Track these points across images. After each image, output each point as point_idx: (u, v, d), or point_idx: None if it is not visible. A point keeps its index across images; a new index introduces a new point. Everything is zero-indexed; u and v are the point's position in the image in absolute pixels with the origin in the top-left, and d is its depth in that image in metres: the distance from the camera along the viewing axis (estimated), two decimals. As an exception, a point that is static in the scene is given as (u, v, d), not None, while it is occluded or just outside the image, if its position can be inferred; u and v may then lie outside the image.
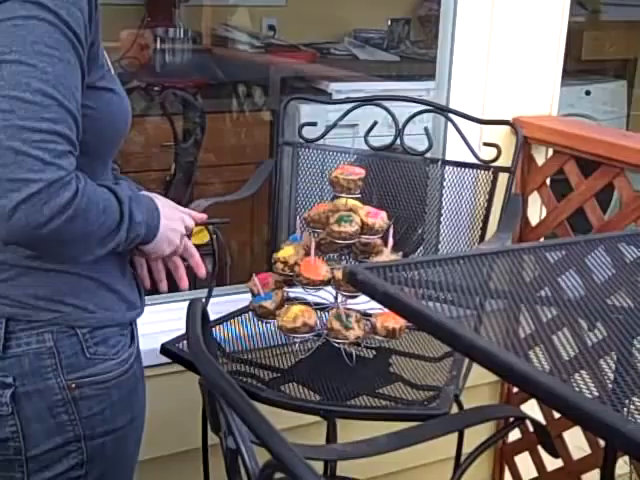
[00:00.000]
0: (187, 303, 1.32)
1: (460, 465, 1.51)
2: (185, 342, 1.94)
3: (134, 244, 1.39)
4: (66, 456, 1.37)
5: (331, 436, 1.98)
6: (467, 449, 1.68)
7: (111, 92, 1.35)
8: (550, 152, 2.55)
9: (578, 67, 4.46)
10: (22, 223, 1.15)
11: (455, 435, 1.84)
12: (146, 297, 2.34)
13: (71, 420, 1.36)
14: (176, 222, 1.51)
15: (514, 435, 2.62)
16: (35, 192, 1.14)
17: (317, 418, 1.90)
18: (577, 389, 1.06)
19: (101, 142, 1.35)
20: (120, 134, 1.40)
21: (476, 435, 1.66)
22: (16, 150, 1.13)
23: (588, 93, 4.38)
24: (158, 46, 3.86)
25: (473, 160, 2.31)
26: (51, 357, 1.33)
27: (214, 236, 1.96)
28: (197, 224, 1.67)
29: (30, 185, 1.13)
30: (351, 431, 1.88)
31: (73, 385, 1.35)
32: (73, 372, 1.35)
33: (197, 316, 1.22)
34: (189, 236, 1.59)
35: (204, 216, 1.67)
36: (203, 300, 1.63)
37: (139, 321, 2.19)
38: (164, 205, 1.47)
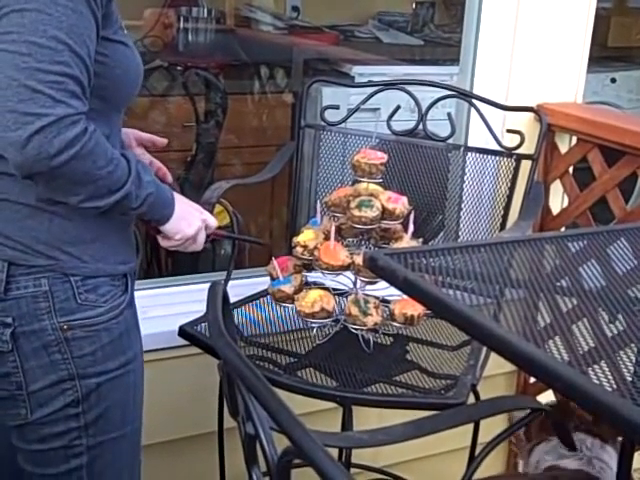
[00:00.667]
0: (205, 285, 1.31)
1: (476, 457, 1.50)
2: (203, 325, 1.94)
3: (150, 207, 1.47)
4: (62, 393, 1.49)
5: (347, 422, 1.98)
6: (483, 439, 1.68)
7: (124, 45, 1.47)
8: (574, 140, 2.52)
9: (604, 54, 4.42)
10: (35, 152, 1.28)
11: (470, 424, 1.83)
12: (164, 279, 2.35)
13: (64, 359, 1.48)
14: (194, 211, 1.63)
15: (530, 425, 2.60)
16: (46, 125, 1.27)
17: (333, 404, 1.90)
18: (596, 381, 1.04)
19: (116, 89, 1.48)
20: (133, 84, 1.52)
21: (492, 425, 1.66)
22: (32, 88, 1.27)
23: (614, 81, 4.34)
24: (181, 25, 3.84)
25: (496, 147, 2.30)
26: (46, 300, 1.45)
27: (234, 218, 1.95)
28: (227, 237, 1.92)
29: (42, 119, 1.27)
30: (366, 417, 1.89)
31: (65, 327, 1.46)
32: (65, 315, 1.47)
33: (218, 299, 1.22)
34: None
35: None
36: (222, 282, 1.63)
37: (157, 302, 2.21)
38: (179, 196, 1.59)
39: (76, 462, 1.53)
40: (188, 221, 1.58)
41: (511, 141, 2.27)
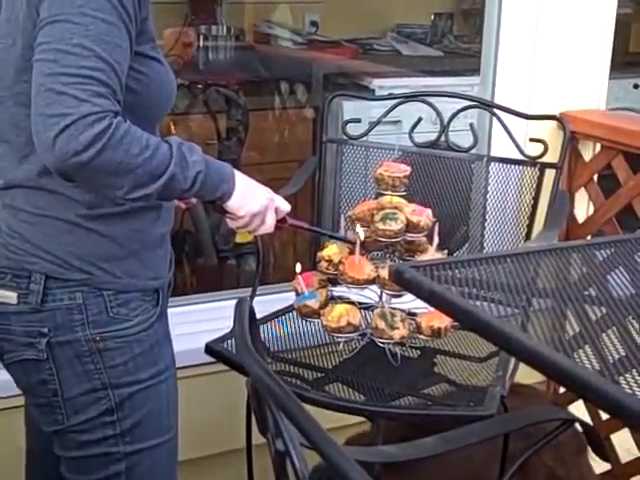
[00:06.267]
0: (230, 302, 1.31)
1: (506, 470, 1.48)
2: (229, 341, 1.94)
3: (204, 185, 1.46)
4: (97, 402, 1.55)
5: (376, 437, 1.96)
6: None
7: (160, 63, 1.53)
8: (598, 147, 2.50)
9: (625, 60, 4.39)
10: (63, 151, 1.32)
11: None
12: (189, 297, 2.34)
13: (97, 369, 1.53)
14: (259, 188, 1.62)
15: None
16: (71, 123, 1.31)
17: (358, 418, 1.89)
18: (629, 390, 1.03)
19: (150, 106, 1.53)
20: (167, 101, 1.57)
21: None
22: (57, 91, 1.32)
23: (636, 86, 4.31)
24: (201, 44, 3.86)
25: (519, 156, 2.29)
26: (79, 313, 1.51)
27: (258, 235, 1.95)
28: (307, 229, 1.91)
29: (67, 118, 1.31)
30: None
31: (97, 338, 1.52)
32: (97, 327, 1.52)
33: (245, 316, 1.21)
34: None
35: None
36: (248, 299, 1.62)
37: (182, 320, 2.20)
38: (242, 175, 1.59)
39: (115, 468, 1.58)
40: (252, 197, 1.58)
41: (534, 150, 2.26)
